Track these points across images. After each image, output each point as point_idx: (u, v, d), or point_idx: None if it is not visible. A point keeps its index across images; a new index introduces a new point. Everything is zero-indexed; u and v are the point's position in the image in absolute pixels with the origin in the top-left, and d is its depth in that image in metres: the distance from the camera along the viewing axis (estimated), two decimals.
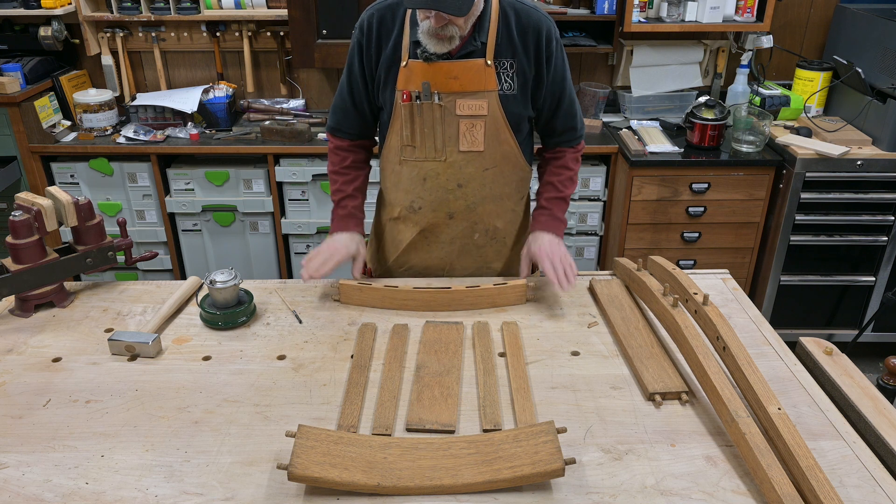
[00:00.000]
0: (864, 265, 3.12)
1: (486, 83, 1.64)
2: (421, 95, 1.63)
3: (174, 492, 1.12)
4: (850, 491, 1.12)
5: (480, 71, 1.63)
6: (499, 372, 1.41)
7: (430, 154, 1.70)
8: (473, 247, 1.83)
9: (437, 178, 1.72)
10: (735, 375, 1.29)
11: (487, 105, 1.65)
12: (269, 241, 3.34)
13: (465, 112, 1.65)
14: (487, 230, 1.81)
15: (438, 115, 1.65)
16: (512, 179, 1.78)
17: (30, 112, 3.09)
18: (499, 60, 1.64)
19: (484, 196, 1.75)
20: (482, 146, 1.69)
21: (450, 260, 1.85)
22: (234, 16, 3.20)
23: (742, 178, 3.01)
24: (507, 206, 1.82)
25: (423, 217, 1.78)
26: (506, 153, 1.72)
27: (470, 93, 1.64)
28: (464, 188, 1.73)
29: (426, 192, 1.74)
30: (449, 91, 1.63)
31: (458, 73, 1.63)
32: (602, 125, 3.35)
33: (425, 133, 1.67)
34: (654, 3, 3.22)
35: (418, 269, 1.87)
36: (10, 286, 1.58)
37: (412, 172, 1.73)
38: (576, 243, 3.35)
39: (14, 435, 1.24)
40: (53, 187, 1.69)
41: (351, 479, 1.09)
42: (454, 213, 1.76)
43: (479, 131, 1.67)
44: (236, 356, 1.48)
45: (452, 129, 1.67)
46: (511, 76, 1.65)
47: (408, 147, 1.70)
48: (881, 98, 2.93)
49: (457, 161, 1.70)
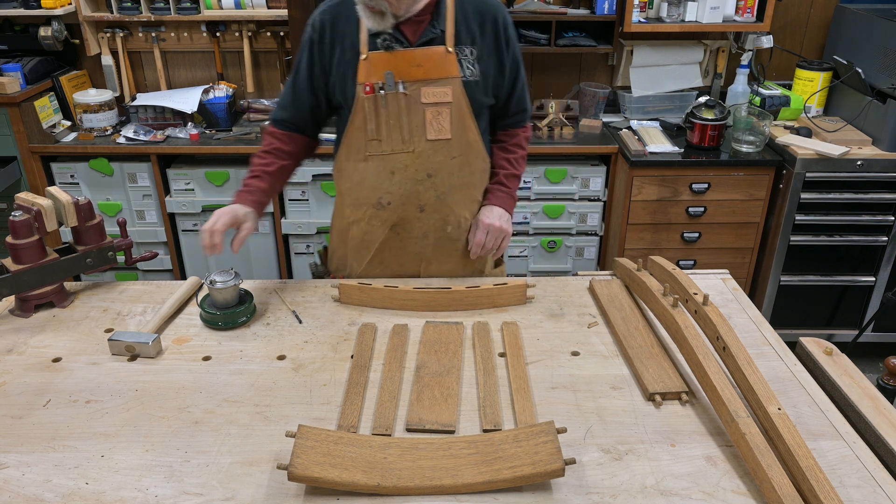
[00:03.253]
0: (864, 265, 3.12)
1: (448, 70, 1.65)
2: (385, 86, 1.63)
3: (174, 492, 1.12)
4: (850, 491, 1.12)
5: (442, 58, 1.64)
6: (499, 372, 1.41)
7: (397, 146, 1.69)
8: (447, 240, 1.82)
9: (406, 169, 1.71)
10: (735, 375, 1.29)
11: (452, 92, 1.66)
12: (269, 241, 3.35)
13: (430, 100, 1.65)
14: (459, 222, 1.81)
15: (403, 104, 1.65)
16: (476, 169, 1.79)
17: (30, 112, 3.09)
18: (459, 47, 1.66)
19: (452, 185, 1.75)
20: (449, 133, 1.69)
21: (425, 255, 1.82)
22: (234, 16, 3.20)
23: (742, 178, 3.01)
24: (474, 196, 1.83)
25: (393, 212, 1.76)
26: (470, 141, 1.73)
27: (434, 80, 1.64)
28: (433, 178, 1.72)
29: (395, 185, 1.72)
30: (413, 79, 1.64)
31: (420, 61, 1.63)
32: (602, 125, 3.35)
33: (391, 124, 1.67)
34: (654, 3, 3.22)
35: (394, 267, 1.84)
36: (10, 286, 1.58)
37: (379, 167, 1.71)
38: (576, 243, 3.36)
39: (14, 435, 1.24)
40: (53, 187, 1.69)
41: (351, 480, 1.09)
42: (424, 205, 1.75)
43: (444, 119, 1.67)
44: (236, 356, 1.48)
45: (418, 117, 1.66)
46: (472, 63, 1.67)
47: (373, 141, 1.69)
48: (881, 98, 2.93)
49: (425, 150, 1.69)
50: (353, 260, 1.87)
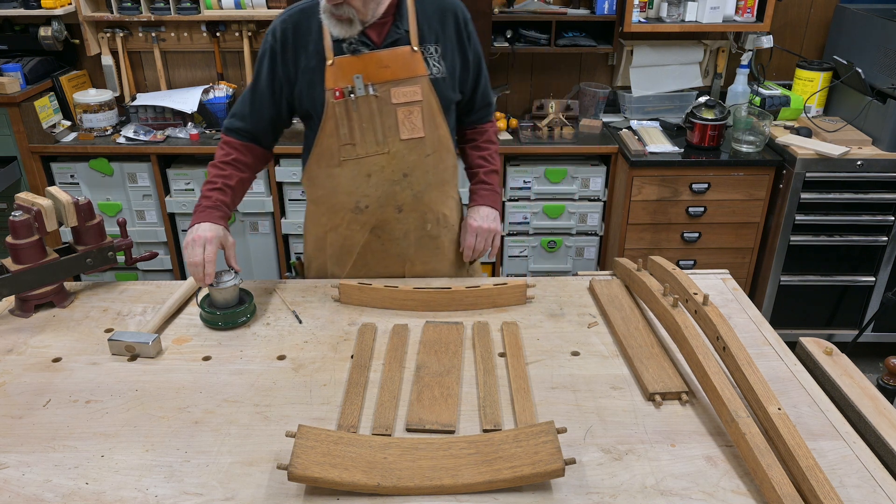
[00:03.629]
0: (864, 265, 3.12)
1: (416, 69, 1.66)
2: (354, 90, 1.64)
3: (174, 492, 1.12)
4: (850, 491, 1.12)
5: (408, 57, 1.65)
6: (499, 372, 1.41)
7: (371, 148, 1.69)
8: (428, 238, 1.82)
9: (382, 171, 1.71)
10: (735, 375, 1.29)
11: (421, 90, 1.66)
12: (269, 241, 3.35)
13: (401, 100, 1.66)
14: (438, 219, 1.81)
15: (375, 106, 1.65)
16: (449, 165, 1.80)
17: (30, 112, 3.09)
18: (424, 46, 1.67)
19: (428, 183, 1.76)
20: (422, 132, 1.69)
21: (408, 255, 1.82)
22: (234, 16, 3.20)
23: (742, 178, 3.02)
24: (449, 192, 1.83)
25: (372, 215, 1.76)
26: (441, 138, 1.74)
27: (403, 80, 1.65)
28: (409, 177, 1.73)
29: (371, 187, 1.72)
30: (382, 80, 1.64)
31: (388, 62, 1.64)
32: (602, 125, 3.35)
33: (364, 127, 1.67)
34: (654, 3, 3.22)
35: (378, 270, 1.84)
36: (10, 286, 1.58)
37: (354, 171, 1.71)
38: (576, 243, 3.36)
39: (14, 435, 1.24)
40: (53, 187, 1.69)
41: (351, 480, 1.09)
42: (402, 205, 1.75)
43: (416, 117, 1.68)
44: (236, 356, 1.48)
45: (391, 118, 1.67)
46: (438, 60, 1.68)
47: (346, 146, 1.69)
48: (881, 98, 2.93)
49: (400, 150, 1.70)
50: (333, 267, 1.86)
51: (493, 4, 3.15)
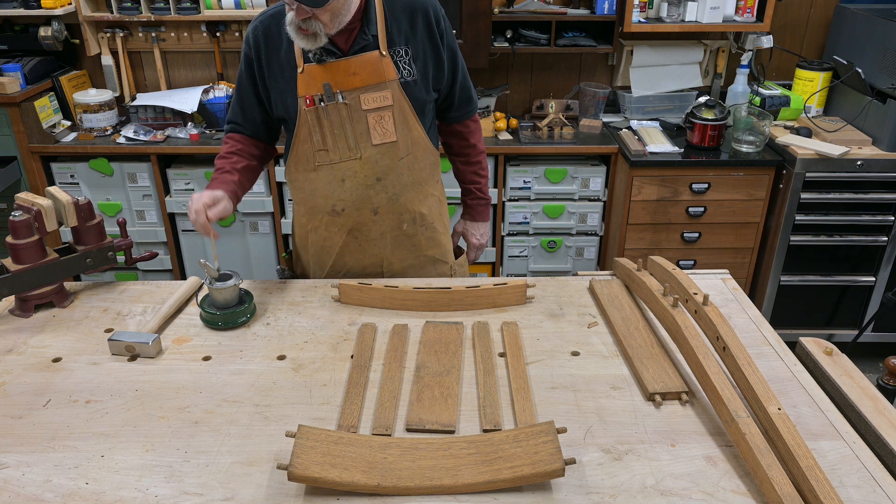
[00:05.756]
0: (864, 265, 3.12)
1: (385, 74, 1.65)
2: (324, 98, 1.64)
3: (174, 492, 1.12)
4: (850, 491, 1.12)
5: (377, 62, 1.64)
6: (499, 372, 1.41)
7: (344, 154, 1.70)
8: (404, 237, 1.83)
9: (356, 176, 1.72)
10: (735, 375, 1.29)
11: (391, 95, 1.66)
12: (269, 241, 3.35)
13: (371, 105, 1.66)
14: (414, 219, 1.82)
15: (345, 113, 1.65)
16: (425, 164, 1.80)
17: (30, 112, 3.09)
18: (393, 49, 1.66)
19: (404, 185, 1.76)
20: (394, 136, 1.69)
21: (385, 255, 1.84)
22: (234, 16, 3.20)
23: (742, 178, 3.02)
24: (427, 191, 1.84)
25: (348, 218, 1.77)
26: (416, 139, 1.74)
27: (371, 86, 1.65)
28: (383, 181, 1.73)
29: (346, 192, 1.73)
30: (351, 88, 1.64)
31: (356, 69, 1.63)
32: (602, 125, 3.35)
33: (336, 134, 1.67)
34: (654, 3, 3.22)
35: (356, 270, 1.85)
36: (10, 286, 1.57)
37: (329, 176, 1.72)
38: (576, 243, 3.36)
39: (14, 435, 1.24)
40: (53, 187, 1.69)
41: (351, 480, 1.09)
42: (378, 207, 1.76)
43: (388, 122, 1.68)
44: (236, 356, 1.48)
45: (361, 125, 1.67)
46: (408, 62, 1.67)
47: (320, 152, 1.70)
48: (881, 98, 2.93)
49: (372, 156, 1.70)
50: (315, 265, 1.88)
51: (493, 4, 3.15)
